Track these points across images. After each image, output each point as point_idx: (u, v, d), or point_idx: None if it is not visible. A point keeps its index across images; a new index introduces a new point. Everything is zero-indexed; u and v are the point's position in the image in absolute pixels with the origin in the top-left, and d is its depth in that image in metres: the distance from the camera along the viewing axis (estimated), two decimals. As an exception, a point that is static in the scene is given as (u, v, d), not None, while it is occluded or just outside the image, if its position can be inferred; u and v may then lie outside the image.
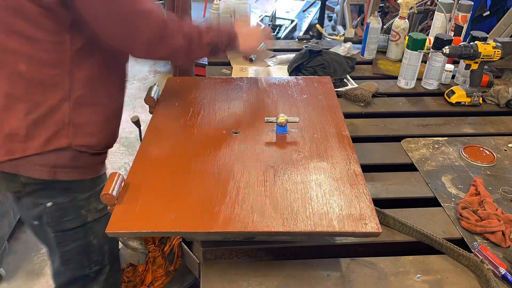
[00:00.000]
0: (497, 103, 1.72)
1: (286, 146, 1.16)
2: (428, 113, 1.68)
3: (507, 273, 0.98)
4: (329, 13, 4.83)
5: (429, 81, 1.82)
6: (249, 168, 1.07)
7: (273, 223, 0.91)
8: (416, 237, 1.11)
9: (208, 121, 1.27)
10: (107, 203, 0.95)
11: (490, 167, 1.36)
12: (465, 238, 1.10)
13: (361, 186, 1.02)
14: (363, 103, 1.69)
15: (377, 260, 1.06)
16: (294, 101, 1.38)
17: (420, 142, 1.48)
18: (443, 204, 1.21)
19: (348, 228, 0.91)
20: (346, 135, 1.21)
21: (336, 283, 1.00)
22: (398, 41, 2.01)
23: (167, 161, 1.10)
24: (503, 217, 1.12)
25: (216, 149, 1.14)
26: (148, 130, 1.23)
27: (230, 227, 0.90)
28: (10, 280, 1.99)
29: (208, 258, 1.07)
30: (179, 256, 1.47)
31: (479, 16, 2.78)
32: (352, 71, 1.94)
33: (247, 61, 2.00)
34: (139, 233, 0.90)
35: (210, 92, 1.43)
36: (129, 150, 2.93)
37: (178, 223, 0.91)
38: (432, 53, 1.75)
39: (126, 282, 1.57)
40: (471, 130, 1.58)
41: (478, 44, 1.60)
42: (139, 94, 3.62)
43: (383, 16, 3.51)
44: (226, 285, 1.00)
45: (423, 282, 1.00)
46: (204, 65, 2.35)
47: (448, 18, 1.98)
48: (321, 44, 2.19)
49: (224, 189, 1.00)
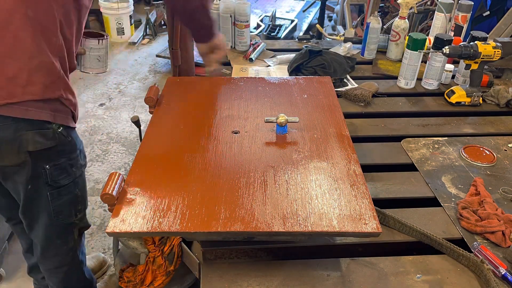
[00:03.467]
0: (497, 103, 1.72)
1: (286, 146, 1.16)
2: (428, 113, 1.68)
3: (507, 273, 0.98)
4: (329, 13, 4.83)
5: (429, 81, 1.82)
6: (249, 168, 1.07)
7: (273, 223, 0.91)
8: (416, 237, 1.11)
9: (208, 121, 1.27)
10: (107, 203, 0.95)
11: (490, 167, 1.36)
12: (465, 238, 1.10)
13: (361, 186, 1.02)
14: (363, 103, 1.69)
15: (377, 260, 1.06)
16: (294, 101, 1.38)
17: (420, 142, 1.48)
18: (443, 204, 1.21)
19: (348, 228, 0.91)
20: (346, 135, 1.21)
21: (336, 283, 1.00)
22: (398, 41, 2.01)
23: (167, 161, 1.10)
24: (503, 217, 1.12)
25: (216, 149, 1.14)
26: (148, 130, 1.23)
27: (230, 227, 0.90)
28: (10, 280, 1.99)
29: (208, 258, 1.07)
30: (179, 256, 1.47)
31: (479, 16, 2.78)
32: (352, 71, 1.94)
33: (247, 61, 2.01)
34: (139, 233, 0.90)
35: (210, 92, 1.43)
36: (129, 150, 2.93)
37: (178, 223, 0.91)
38: (432, 53, 1.75)
39: (126, 282, 1.57)
40: (471, 130, 1.58)
41: (478, 44, 1.60)
42: (139, 94, 3.62)
43: (383, 16, 3.51)
44: (226, 285, 1.00)
45: (423, 282, 1.00)
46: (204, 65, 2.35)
47: (448, 18, 1.98)
48: (321, 44, 2.19)
49: (224, 189, 1.00)
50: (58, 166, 1.26)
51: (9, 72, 1.08)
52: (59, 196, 1.31)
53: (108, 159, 2.85)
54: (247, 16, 2.03)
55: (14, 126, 1.12)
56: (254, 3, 4.80)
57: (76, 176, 1.34)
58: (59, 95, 1.18)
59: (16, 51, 1.08)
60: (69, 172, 1.30)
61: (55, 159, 1.25)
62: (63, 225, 1.39)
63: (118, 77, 3.92)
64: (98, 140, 3.02)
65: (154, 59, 4.22)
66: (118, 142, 3.02)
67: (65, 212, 1.36)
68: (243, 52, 2.08)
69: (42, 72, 1.13)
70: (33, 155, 1.19)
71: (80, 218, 1.43)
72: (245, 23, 2.04)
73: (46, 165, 1.23)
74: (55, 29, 1.13)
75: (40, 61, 1.11)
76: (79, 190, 1.37)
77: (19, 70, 1.09)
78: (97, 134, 3.09)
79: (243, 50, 2.10)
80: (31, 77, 1.11)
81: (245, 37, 2.08)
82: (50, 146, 1.20)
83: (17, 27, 1.06)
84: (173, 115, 1.31)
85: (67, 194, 1.33)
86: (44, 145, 1.18)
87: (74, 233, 1.44)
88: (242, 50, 2.10)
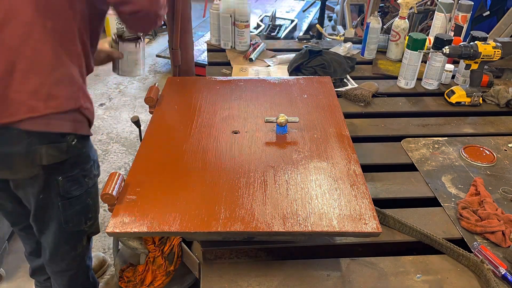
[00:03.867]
0: (497, 103, 1.72)
1: (286, 146, 1.16)
2: (428, 113, 1.68)
3: (507, 273, 0.98)
4: (329, 13, 4.83)
5: (429, 81, 1.82)
6: (249, 168, 1.07)
7: (273, 223, 0.91)
8: (416, 237, 1.11)
9: (208, 121, 1.27)
10: (107, 203, 0.95)
11: (490, 167, 1.36)
12: (465, 238, 1.10)
13: (361, 186, 1.02)
14: (363, 103, 1.69)
15: (377, 260, 1.06)
16: (294, 101, 1.38)
17: (420, 142, 1.48)
18: (443, 204, 1.21)
19: (348, 228, 0.91)
20: (346, 135, 1.21)
21: (336, 283, 1.00)
22: (398, 41, 2.01)
23: (167, 161, 1.10)
24: (503, 217, 1.12)
25: (216, 149, 1.14)
26: (148, 130, 1.23)
27: (230, 227, 0.90)
28: (10, 280, 1.99)
29: (208, 258, 1.07)
30: (179, 256, 1.47)
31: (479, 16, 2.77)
32: (352, 71, 1.94)
33: (247, 61, 2.01)
34: (139, 233, 0.90)
35: (210, 92, 1.43)
36: (129, 150, 2.93)
37: (178, 223, 0.91)
38: (432, 53, 1.75)
39: (126, 282, 1.57)
40: (471, 130, 1.58)
41: (478, 44, 1.60)
42: (139, 94, 3.62)
43: (383, 16, 3.51)
44: (226, 285, 1.00)
45: (423, 282, 1.00)
46: (204, 65, 2.36)
47: (448, 18, 1.98)
48: (321, 44, 2.19)
49: (224, 189, 1.00)
50: (71, 177, 1.25)
51: (30, 87, 1.07)
52: (70, 206, 1.30)
53: (108, 159, 2.85)
54: (247, 16, 2.03)
55: (28, 140, 1.11)
56: (254, 3, 4.80)
57: (89, 187, 1.33)
58: (79, 105, 1.17)
59: (37, 65, 1.06)
60: (82, 183, 1.29)
61: (68, 171, 1.23)
62: (73, 232, 1.38)
63: (118, 77, 3.92)
64: (98, 140, 3.02)
65: (154, 59, 4.22)
66: (118, 142, 3.02)
67: (75, 220, 1.35)
68: (243, 52, 2.08)
69: (64, 84, 1.12)
70: (46, 168, 1.18)
71: (90, 226, 1.42)
72: (245, 23, 2.04)
73: (59, 177, 1.22)
74: (74, 38, 1.12)
75: (61, 73, 1.10)
76: (90, 199, 1.36)
77: (41, 84, 1.07)
78: (97, 134, 3.09)
79: (243, 50, 2.10)
80: (53, 91, 1.09)
81: (245, 37, 2.08)
82: (64, 159, 1.19)
83: (36, 40, 1.05)
84: (173, 115, 1.31)
85: (78, 204, 1.32)
86: (58, 158, 1.17)
87: (83, 240, 1.44)
88: (242, 50, 2.10)
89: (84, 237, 1.43)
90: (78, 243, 1.43)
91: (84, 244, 1.45)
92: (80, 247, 1.44)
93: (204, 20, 4.67)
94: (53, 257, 1.44)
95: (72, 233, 1.38)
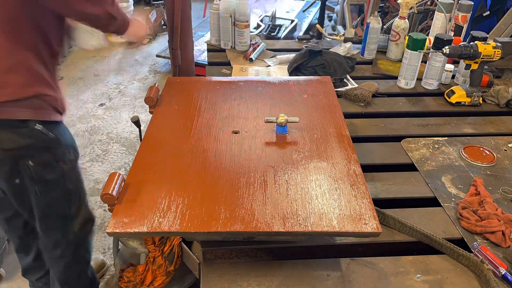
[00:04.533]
0: (497, 103, 1.72)
1: (286, 146, 1.16)
2: (428, 113, 1.68)
3: (507, 273, 0.98)
4: (329, 13, 4.83)
5: (429, 81, 1.82)
6: (249, 168, 1.07)
7: (273, 223, 0.91)
8: (416, 237, 1.11)
9: (208, 121, 1.27)
10: (107, 203, 0.95)
11: (490, 167, 1.36)
12: (465, 238, 1.10)
13: (361, 186, 1.02)
14: (363, 103, 1.69)
15: (377, 260, 1.06)
16: (294, 101, 1.38)
17: (420, 142, 1.48)
18: (443, 204, 1.21)
19: (348, 228, 0.91)
20: (346, 135, 1.21)
21: (336, 283, 1.00)
22: (398, 41, 2.01)
23: (167, 161, 1.10)
24: (503, 217, 1.12)
25: (216, 149, 1.14)
26: (148, 130, 1.23)
27: (230, 227, 0.90)
28: (10, 280, 1.99)
29: (208, 258, 1.07)
30: (179, 256, 1.47)
31: (479, 16, 2.77)
32: (352, 71, 1.94)
33: (247, 61, 2.01)
34: (139, 233, 0.90)
35: (210, 92, 1.43)
36: (129, 150, 2.93)
37: (178, 223, 0.91)
38: (432, 53, 1.75)
39: (126, 282, 1.57)
40: (471, 130, 1.58)
41: (478, 44, 1.60)
42: (139, 94, 3.62)
43: (383, 16, 3.51)
44: (226, 285, 1.00)
45: (423, 282, 1.00)
46: (204, 65, 2.36)
47: (448, 18, 1.98)
48: (321, 44, 2.19)
49: (224, 189, 1.00)
50: (42, 162, 1.27)
51: None
52: (48, 191, 1.32)
53: (108, 159, 2.85)
54: (247, 16, 2.03)
55: None
56: (254, 3, 4.80)
57: (65, 171, 1.34)
58: (37, 92, 1.17)
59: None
60: (55, 167, 1.31)
61: (37, 155, 1.26)
62: (58, 218, 1.41)
63: (118, 77, 3.92)
64: (98, 140, 3.02)
65: (154, 59, 4.22)
66: (118, 142, 3.02)
67: (58, 205, 1.37)
68: (243, 52, 2.08)
69: (18, 72, 1.12)
70: (10, 153, 1.21)
71: (76, 211, 1.44)
72: (245, 23, 2.04)
73: (29, 161, 1.24)
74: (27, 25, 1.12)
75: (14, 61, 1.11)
76: (71, 184, 1.38)
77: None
78: (97, 134, 3.09)
79: (243, 50, 2.10)
80: (6, 78, 1.11)
81: (245, 37, 2.08)
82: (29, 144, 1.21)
83: None
84: (173, 115, 1.31)
85: (57, 189, 1.34)
86: (21, 143, 1.20)
87: (73, 226, 1.45)
88: (242, 50, 2.10)
89: (74, 223, 1.45)
90: (68, 229, 1.45)
91: (75, 231, 1.46)
92: (72, 234, 1.46)
93: (204, 20, 4.67)
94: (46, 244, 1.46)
95: (57, 219, 1.41)
